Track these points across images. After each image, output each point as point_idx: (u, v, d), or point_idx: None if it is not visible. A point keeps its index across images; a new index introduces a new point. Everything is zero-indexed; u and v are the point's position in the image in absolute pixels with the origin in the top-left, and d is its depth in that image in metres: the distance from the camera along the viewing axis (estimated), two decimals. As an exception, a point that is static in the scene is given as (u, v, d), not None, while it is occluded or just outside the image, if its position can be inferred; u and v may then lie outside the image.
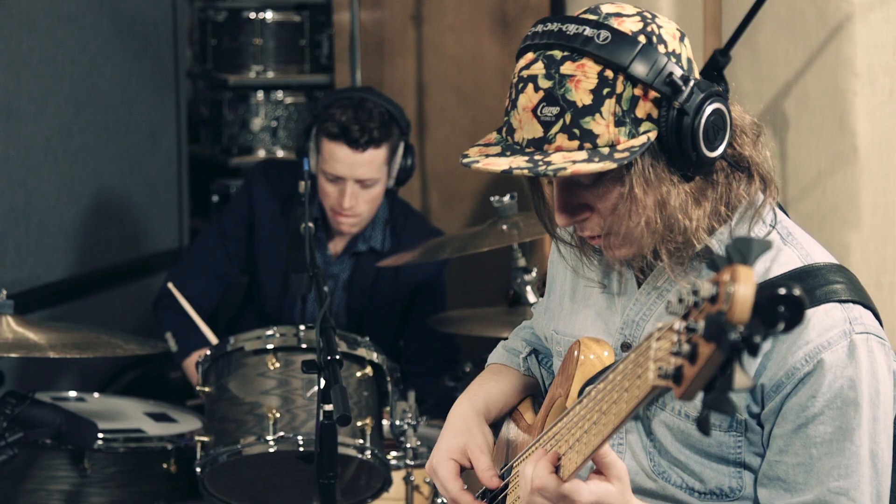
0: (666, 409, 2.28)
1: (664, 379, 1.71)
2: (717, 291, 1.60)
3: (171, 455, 3.90)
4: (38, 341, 3.47)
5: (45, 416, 3.48)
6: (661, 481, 2.30)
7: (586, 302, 2.46)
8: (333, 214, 4.32)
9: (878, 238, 3.85)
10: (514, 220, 4.01)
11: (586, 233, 2.28)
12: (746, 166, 2.26)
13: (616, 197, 2.20)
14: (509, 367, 2.70)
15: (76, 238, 5.18)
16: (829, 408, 2.17)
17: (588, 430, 2.02)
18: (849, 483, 2.18)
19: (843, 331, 2.18)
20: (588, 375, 2.27)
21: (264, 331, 3.58)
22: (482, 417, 2.57)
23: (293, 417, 3.48)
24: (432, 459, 2.53)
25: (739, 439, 2.24)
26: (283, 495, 3.70)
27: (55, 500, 3.81)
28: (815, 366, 2.16)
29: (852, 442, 2.18)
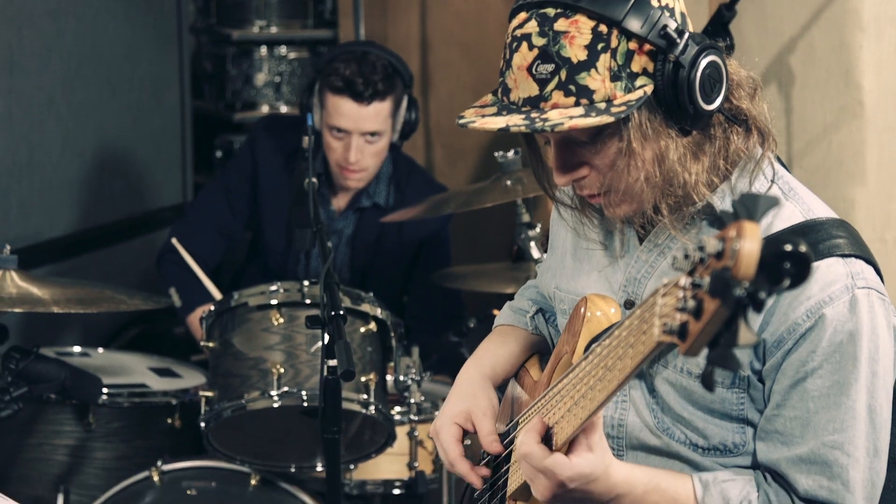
0: (669, 367, 2.28)
1: (669, 335, 1.70)
2: (723, 247, 1.60)
3: (176, 410, 3.91)
4: (42, 296, 3.48)
5: (50, 370, 3.48)
6: (665, 438, 2.30)
7: (588, 260, 2.46)
8: (339, 169, 4.31)
9: (884, 193, 3.84)
10: (518, 176, 4.00)
11: (585, 191, 2.28)
12: (744, 119, 2.25)
13: (614, 152, 2.19)
14: (517, 328, 2.70)
15: (80, 193, 5.17)
16: (828, 362, 2.17)
17: (593, 386, 2.02)
18: (844, 437, 2.18)
19: (845, 285, 2.18)
20: (594, 332, 2.27)
21: (268, 286, 3.58)
22: (488, 381, 2.58)
23: (297, 372, 3.49)
24: (436, 423, 2.54)
25: (742, 396, 2.24)
26: (288, 450, 3.71)
27: (60, 454, 3.82)
28: (817, 321, 2.16)
29: (848, 396, 2.17)
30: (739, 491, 2.21)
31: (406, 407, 3.80)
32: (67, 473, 3.82)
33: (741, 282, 1.57)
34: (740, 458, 2.28)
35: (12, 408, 3.35)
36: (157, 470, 3.66)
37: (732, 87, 2.23)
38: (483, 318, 4.04)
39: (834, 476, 2.18)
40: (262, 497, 3.64)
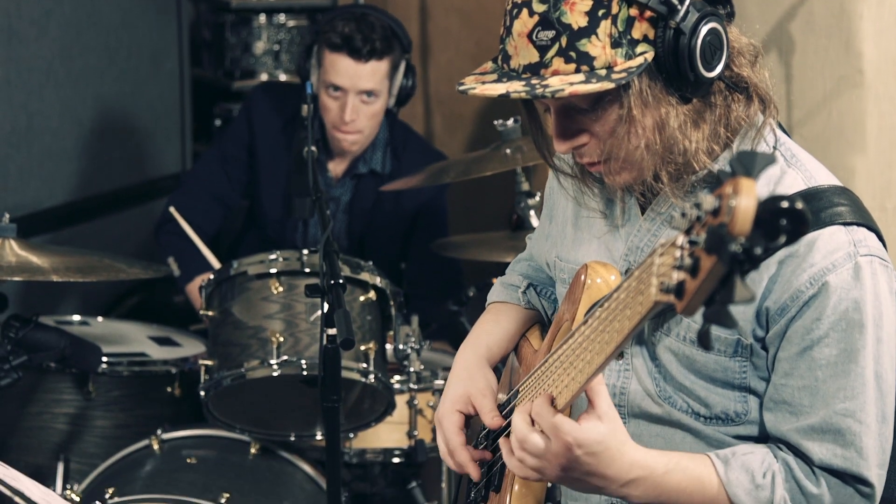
0: (671, 335, 2.28)
1: (666, 294, 1.70)
2: (720, 204, 1.59)
3: (175, 379, 3.92)
4: (41, 265, 3.47)
5: (50, 339, 3.48)
6: (667, 406, 2.30)
7: (589, 230, 2.46)
8: (334, 130, 4.31)
9: (884, 161, 3.83)
10: (517, 144, 3.99)
11: (585, 159, 2.27)
12: (745, 87, 2.25)
13: (614, 120, 2.19)
14: (510, 305, 2.70)
15: (79, 162, 5.17)
16: (834, 330, 2.17)
17: (591, 349, 2.02)
18: (854, 404, 2.18)
19: (847, 253, 2.18)
20: (594, 299, 2.27)
21: (267, 255, 3.58)
22: (484, 361, 2.59)
23: (297, 341, 3.49)
24: (439, 412, 2.56)
25: (744, 364, 2.25)
26: (287, 419, 3.72)
27: (60, 423, 3.83)
28: (820, 288, 2.16)
29: (857, 363, 2.18)
30: (761, 462, 2.21)
31: (405, 375, 3.81)
32: (67, 442, 3.83)
33: (737, 238, 1.56)
34: (742, 427, 2.28)
35: (12, 376, 3.35)
36: (157, 438, 3.67)
37: (733, 54, 2.23)
38: (482, 286, 4.04)
39: (847, 444, 2.19)
40: (261, 465, 3.65)
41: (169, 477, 3.53)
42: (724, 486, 2.19)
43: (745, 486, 2.19)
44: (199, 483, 3.47)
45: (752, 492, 2.18)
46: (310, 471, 3.68)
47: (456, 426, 2.52)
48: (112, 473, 3.63)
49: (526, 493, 2.43)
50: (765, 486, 2.19)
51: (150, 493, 3.40)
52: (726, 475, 2.19)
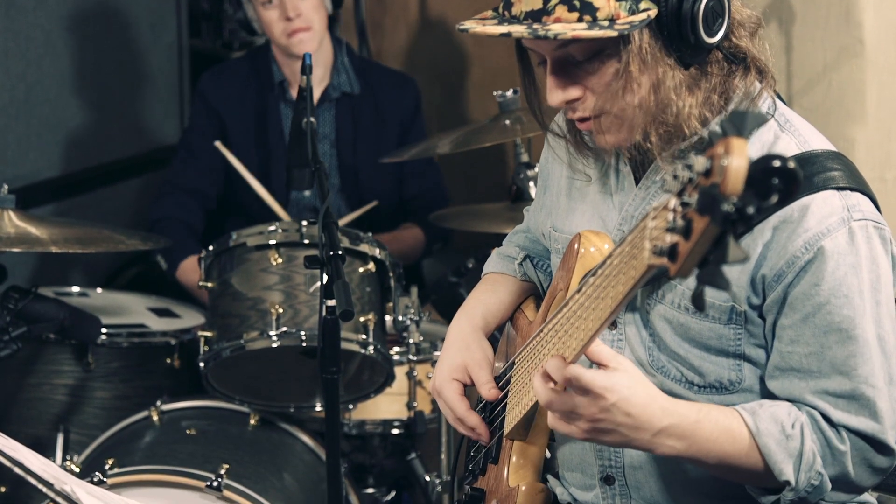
0: (664, 303, 2.28)
1: (659, 256, 1.69)
2: (711, 165, 1.59)
3: (175, 350, 3.92)
4: (40, 236, 3.47)
5: (49, 310, 3.48)
6: (660, 376, 2.30)
7: (583, 199, 2.46)
8: (286, 38, 4.36)
9: (883, 132, 3.83)
10: (516, 115, 3.99)
11: (577, 114, 2.28)
12: (743, 58, 2.25)
13: (611, 74, 2.19)
14: (506, 276, 2.70)
15: (77, 133, 5.16)
16: (835, 296, 2.18)
17: (587, 317, 2.02)
18: (866, 370, 2.19)
19: (841, 218, 2.18)
20: (588, 268, 2.27)
21: (266, 226, 3.57)
22: (480, 332, 2.59)
23: (296, 313, 3.49)
24: (435, 381, 2.57)
25: (739, 331, 2.25)
26: (287, 390, 3.72)
27: (59, 394, 3.83)
28: (816, 253, 2.17)
29: (860, 327, 2.19)
30: (787, 412, 2.20)
31: (405, 347, 3.81)
32: (67, 413, 3.83)
33: (729, 197, 1.56)
34: (736, 396, 2.28)
35: (11, 348, 3.35)
36: (157, 409, 3.67)
37: (734, 25, 2.23)
38: (481, 258, 4.04)
39: (863, 408, 2.20)
40: (261, 436, 3.65)
41: (168, 448, 3.53)
42: (755, 437, 2.17)
43: (775, 436, 2.18)
44: (198, 454, 3.47)
45: (782, 442, 2.17)
46: (309, 442, 3.68)
47: (457, 393, 2.53)
48: (111, 444, 3.63)
49: (523, 464, 2.43)
50: (794, 437, 2.18)
51: (149, 464, 3.40)
52: (756, 425, 2.18)
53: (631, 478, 2.38)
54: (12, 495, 3.74)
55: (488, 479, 2.51)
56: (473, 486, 2.55)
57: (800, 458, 2.18)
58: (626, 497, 2.39)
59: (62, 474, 1.89)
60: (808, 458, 2.18)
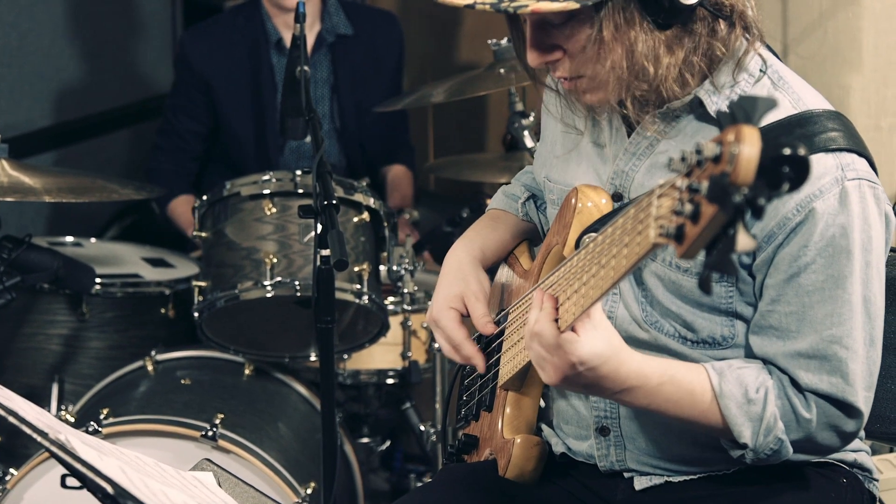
0: (656, 260, 2.27)
1: (666, 238, 1.68)
2: (721, 151, 1.57)
3: (169, 300, 3.92)
4: (33, 185, 3.46)
5: (43, 260, 3.47)
6: (654, 331, 2.30)
7: (577, 151, 2.45)
8: None
9: (879, 79, 3.81)
10: (511, 64, 3.97)
11: (558, 73, 2.27)
12: (728, 14, 2.21)
13: (585, 38, 2.18)
14: (508, 213, 2.69)
15: (71, 82, 5.14)
16: (821, 256, 2.17)
17: (586, 282, 2.01)
18: (842, 330, 2.19)
19: (834, 178, 2.16)
20: (585, 224, 2.26)
21: (260, 176, 3.57)
22: (478, 263, 2.58)
23: (290, 262, 3.48)
24: (433, 310, 2.55)
25: (730, 290, 2.24)
26: (281, 340, 3.72)
27: (54, 343, 3.83)
28: (807, 215, 2.15)
29: (844, 290, 2.18)
30: (755, 377, 2.21)
31: (399, 297, 3.81)
32: (62, 363, 3.83)
33: (740, 187, 1.54)
34: (729, 351, 2.28)
35: (5, 297, 3.34)
36: (151, 359, 3.68)
37: None
38: (476, 207, 4.04)
39: (834, 370, 2.19)
40: (255, 386, 3.66)
41: (163, 398, 3.54)
42: (717, 398, 2.19)
43: (737, 399, 2.19)
44: (193, 404, 3.48)
45: (743, 405, 2.19)
46: (304, 392, 3.69)
47: (455, 321, 2.51)
48: (106, 394, 3.64)
49: (517, 415, 2.43)
50: (757, 402, 2.19)
51: (144, 413, 3.41)
52: (720, 387, 2.19)
53: (626, 428, 2.39)
54: (7, 445, 3.75)
55: (482, 426, 2.51)
56: (466, 433, 2.55)
57: (760, 422, 2.19)
58: (621, 448, 2.40)
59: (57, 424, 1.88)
60: (769, 422, 2.19)
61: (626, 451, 2.40)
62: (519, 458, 2.37)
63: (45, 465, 3.26)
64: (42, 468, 3.27)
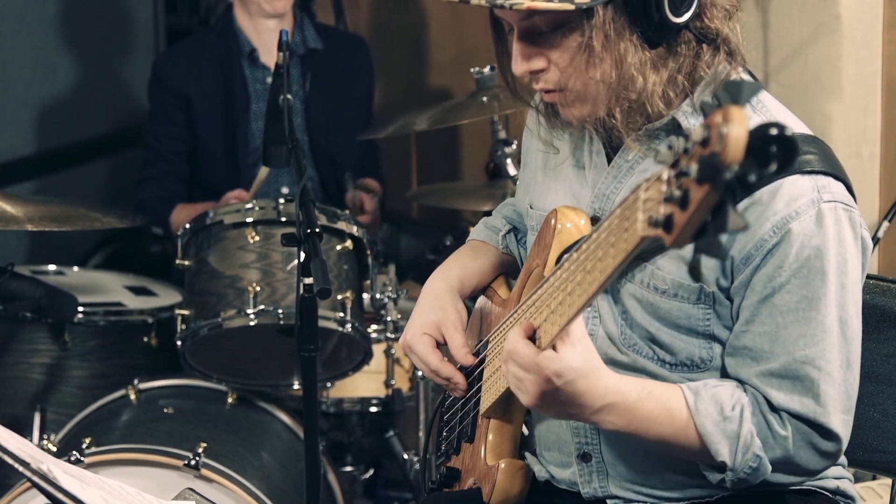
0: (634, 282, 2.28)
1: (654, 227, 1.67)
2: (709, 134, 1.57)
3: (152, 328, 3.91)
4: (16, 214, 3.44)
5: (25, 288, 3.46)
6: (633, 354, 2.30)
7: (557, 176, 2.45)
8: None
9: (860, 108, 3.83)
10: (494, 92, 3.98)
11: (541, 85, 2.28)
12: (713, 39, 2.23)
13: (574, 48, 2.19)
14: (488, 245, 2.69)
15: (53, 110, 5.13)
16: (796, 277, 2.17)
17: (571, 291, 2.00)
18: (815, 352, 2.19)
19: (811, 200, 2.18)
20: (565, 244, 2.26)
21: (243, 204, 3.57)
22: (456, 293, 2.58)
23: (273, 291, 3.48)
24: (406, 336, 2.54)
25: (708, 312, 2.25)
26: (264, 368, 3.71)
27: (36, 372, 3.82)
28: (783, 236, 2.16)
29: (818, 311, 2.18)
30: (730, 395, 2.21)
31: (383, 325, 3.80)
32: (44, 392, 3.82)
33: (730, 165, 1.54)
34: (708, 374, 2.28)
35: (-13, 326, 3.33)
36: (134, 388, 3.67)
37: (706, 5, 2.22)
38: (459, 235, 4.04)
39: (805, 390, 2.19)
40: (238, 415, 3.65)
41: (146, 427, 3.53)
42: (693, 417, 2.19)
43: (713, 416, 2.18)
44: (176, 433, 3.47)
45: (719, 423, 2.18)
46: (287, 420, 3.68)
47: (429, 346, 2.51)
48: (89, 423, 3.63)
49: (500, 442, 2.43)
50: (733, 419, 2.19)
51: (127, 442, 3.40)
52: (695, 405, 2.19)
53: (608, 454, 2.39)
54: (-11, 475, 3.73)
55: (463, 458, 2.50)
56: (448, 466, 2.54)
57: (737, 440, 2.18)
58: (604, 474, 2.40)
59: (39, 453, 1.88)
60: (746, 439, 2.19)
61: (609, 478, 2.40)
62: (504, 483, 2.37)
63: (27, 495, 3.25)
64: (23, 498, 3.26)
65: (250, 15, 4.46)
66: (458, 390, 2.51)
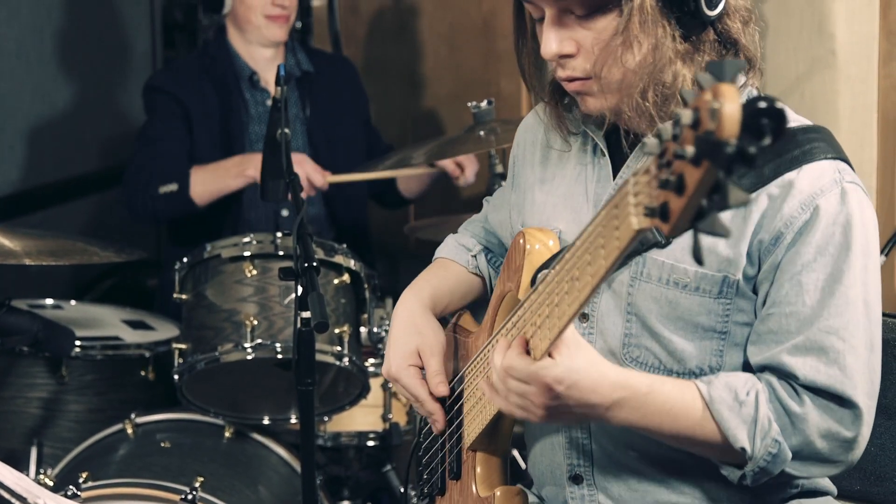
0: (651, 281, 2.25)
1: (650, 218, 1.64)
2: (699, 116, 1.56)
3: (149, 362, 3.91)
4: (13, 248, 3.45)
5: (22, 323, 3.46)
6: (634, 367, 2.28)
7: (555, 192, 2.44)
8: (268, 21, 4.43)
9: (856, 142, 3.84)
10: (491, 126, 3.99)
11: (567, 72, 2.25)
12: (733, 43, 2.24)
13: (610, 31, 2.18)
14: (456, 264, 2.69)
15: (51, 144, 5.14)
16: (822, 254, 2.16)
17: (559, 302, 1.97)
18: (838, 322, 2.16)
19: (833, 179, 2.19)
20: (536, 265, 2.24)
21: (241, 238, 3.57)
22: (429, 312, 2.58)
23: (271, 325, 3.48)
24: (390, 366, 2.54)
25: (728, 306, 2.22)
26: (262, 402, 3.71)
27: (33, 407, 3.81)
28: (813, 213, 2.16)
29: (842, 283, 2.16)
30: (744, 382, 2.18)
31: (380, 359, 3.80)
32: (41, 426, 3.82)
33: (728, 140, 1.52)
34: None
35: (-15, 361, 3.33)
36: (131, 422, 3.66)
37: (729, 8, 2.22)
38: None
39: (831, 361, 2.16)
40: (236, 449, 3.64)
41: (143, 461, 3.52)
42: (708, 405, 2.16)
43: (728, 402, 2.16)
44: (173, 467, 3.46)
45: (734, 408, 2.15)
46: (284, 454, 3.68)
47: (416, 378, 2.51)
48: (86, 458, 3.62)
49: (489, 473, 2.41)
50: (748, 403, 2.16)
51: (124, 477, 3.39)
52: (709, 394, 2.16)
53: (599, 476, 2.37)
54: (-14, 509, 3.72)
55: (451, 496, 2.48)
56: None
57: (754, 424, 2.15)
58: (594, 496, 2.38)
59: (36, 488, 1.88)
60: (763, 424, 2.15)
61: (600, 500, 2.38)
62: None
63: (24, 529, 3.24)
64: (20, 532, 3.25)
65: (247, 42, 4.47)
66: (438, 424, 2.50)
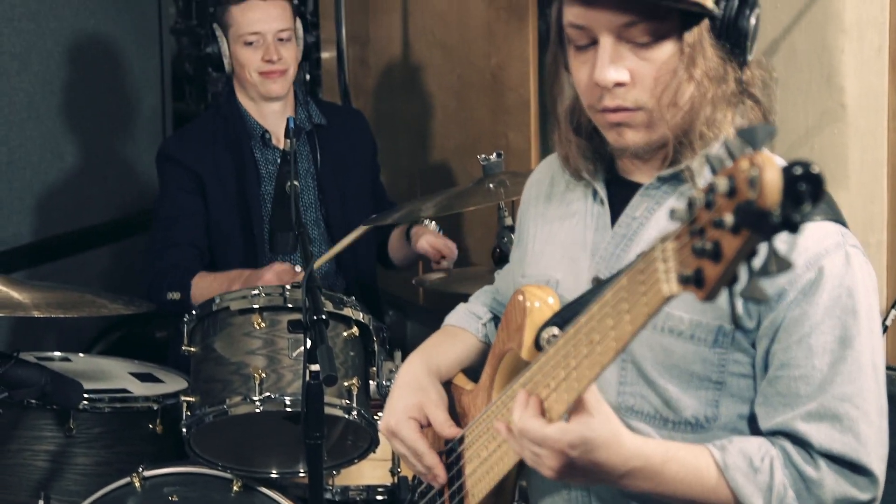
0: (646, 328, 2.24)
1: (683, 284, 1.63)
2: (735, 184, 1.54)
3: (157, 415, 3.89)
4: (22, 300, 3.45)
5: (30, 375, 3.46)
6: (628, 417, 2.26)
7: (552, 241, 2.44)
8: (263, 78, 4.44)
9: (866, 195, 3.83)
10: (500, 179, 3.99)
11: (616, 101, 2.21)
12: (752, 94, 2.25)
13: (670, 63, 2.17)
14: (465, 332, 2.68)
15: (60, 196, 5.15)
16: (829, 316, 2.15)
17: (577, 365, 1.96)
18: (852, 389, 2.15)
19: (836, 241, 2.17)
20: (539, 323, 2.20)
21: (250, 290, 3.56)
22: (434, 377, 2.56)
23: (279, 377, 3.47)
24: (390, 421, 2.52)
25: (724, 356, 2.20)
26: (270, 456, 3.69)
27: (40, 459, 3.80)
28: (817, 273, 2.14)
29: (853, 349, 2.15)
30: (758, 448, 2.16)
31: (388, 412, 3.78)
32: (48, 479, 3.80)
33: (771, 209, 1.51)
34: (710, 435, 2.24)
35: (-8, 413, 3.33)
36: (139, 476, 3.64)
37: (753, 59, 2.23)
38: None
39: (845, 429, 2.15)
40: (244, 502, 3.63)
41: (150, 515, 3.51)
42: (723, 472, 2.14)
43: (743, 469, 2.14)
44: (180, 521, 3.45)
45: (750, 475, 2.13)
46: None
47: (415, 431, 2.48)
48: (93, 511, 3.60)
49: None
50: (763, 470, 2.14)
51: (131, 530, 3.38)
52: (724, 460, 2.14)
53: None
54: (-7, 564, 3.71)
55: None
56: None
57: (769, 492, 2.14)
58: None
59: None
60: (779, 490, 2.14)
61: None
62: None
63: (30, 583, 3.23)
64: (26, 587, 3.23)
65: (252, 98, 4.49)
66: (438, 480, 2.48)
